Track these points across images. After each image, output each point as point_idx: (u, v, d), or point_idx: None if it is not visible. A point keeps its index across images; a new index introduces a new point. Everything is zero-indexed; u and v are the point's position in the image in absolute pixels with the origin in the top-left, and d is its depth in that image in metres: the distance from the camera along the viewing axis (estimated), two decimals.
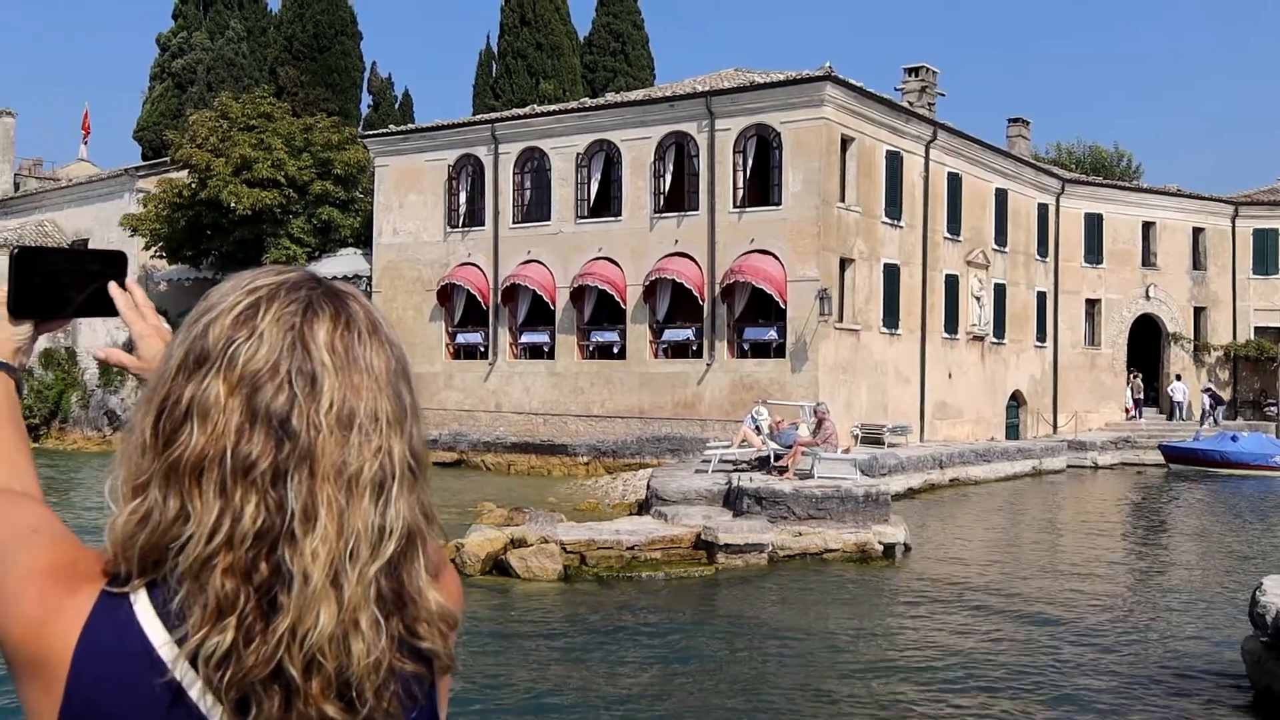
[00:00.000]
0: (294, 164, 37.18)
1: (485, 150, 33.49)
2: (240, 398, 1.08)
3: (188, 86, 51.18)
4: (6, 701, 6.98)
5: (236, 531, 1.05)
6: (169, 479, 1.08)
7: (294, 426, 1.07)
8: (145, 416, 1.12)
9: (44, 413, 43.42)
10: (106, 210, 43.68)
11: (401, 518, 1.11)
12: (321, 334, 1.12)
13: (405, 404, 1.15)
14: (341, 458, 1.08)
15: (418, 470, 1.15)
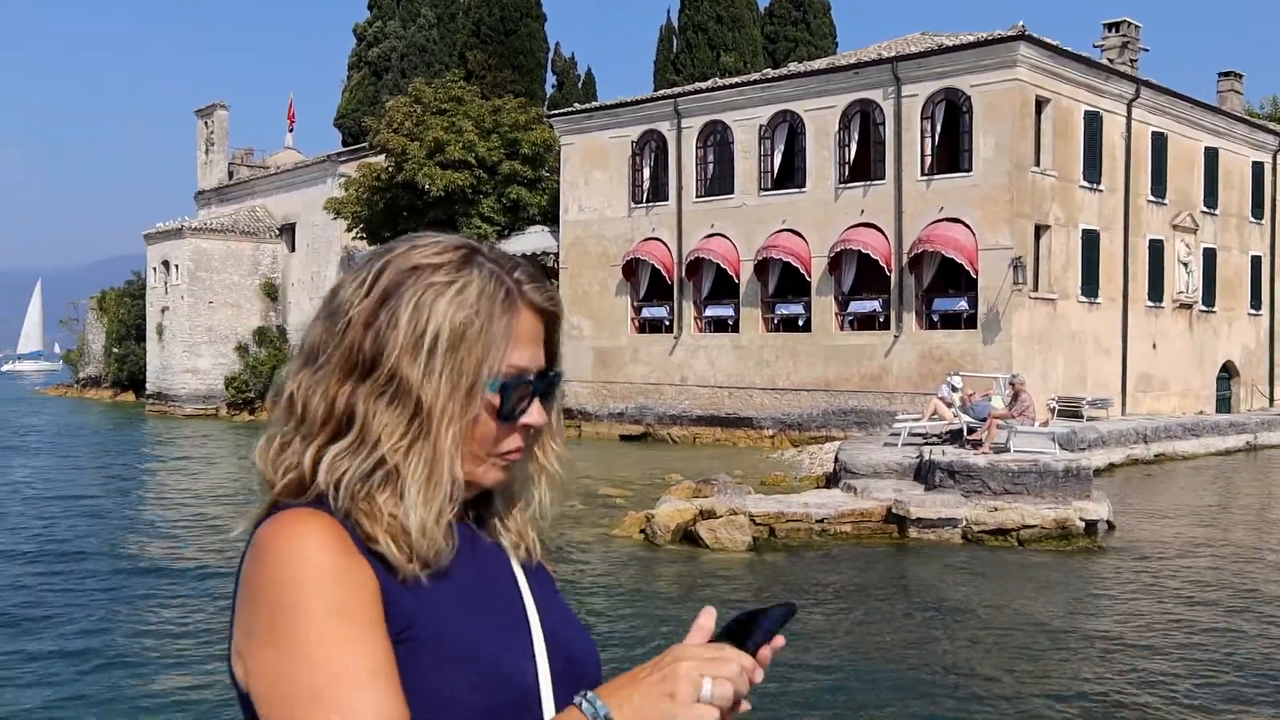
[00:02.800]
0: (484, 145, 38.26)
1: (668, 125, 33.65)
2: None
3: (383, 74, 53.24)
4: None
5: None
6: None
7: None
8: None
9: (259, 387, 46.22)
10: (311, 195, 46.01)
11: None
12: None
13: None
14: None
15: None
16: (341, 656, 1.10)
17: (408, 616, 1.16)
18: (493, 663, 1.21)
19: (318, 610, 1.11)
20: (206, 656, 10.46)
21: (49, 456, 30.03)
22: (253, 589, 1.15)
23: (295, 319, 46.95)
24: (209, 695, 9.26)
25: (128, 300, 56.72)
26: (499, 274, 1.24)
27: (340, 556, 1.14)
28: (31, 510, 19.84)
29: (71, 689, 9.46)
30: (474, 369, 1.19)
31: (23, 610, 12.27)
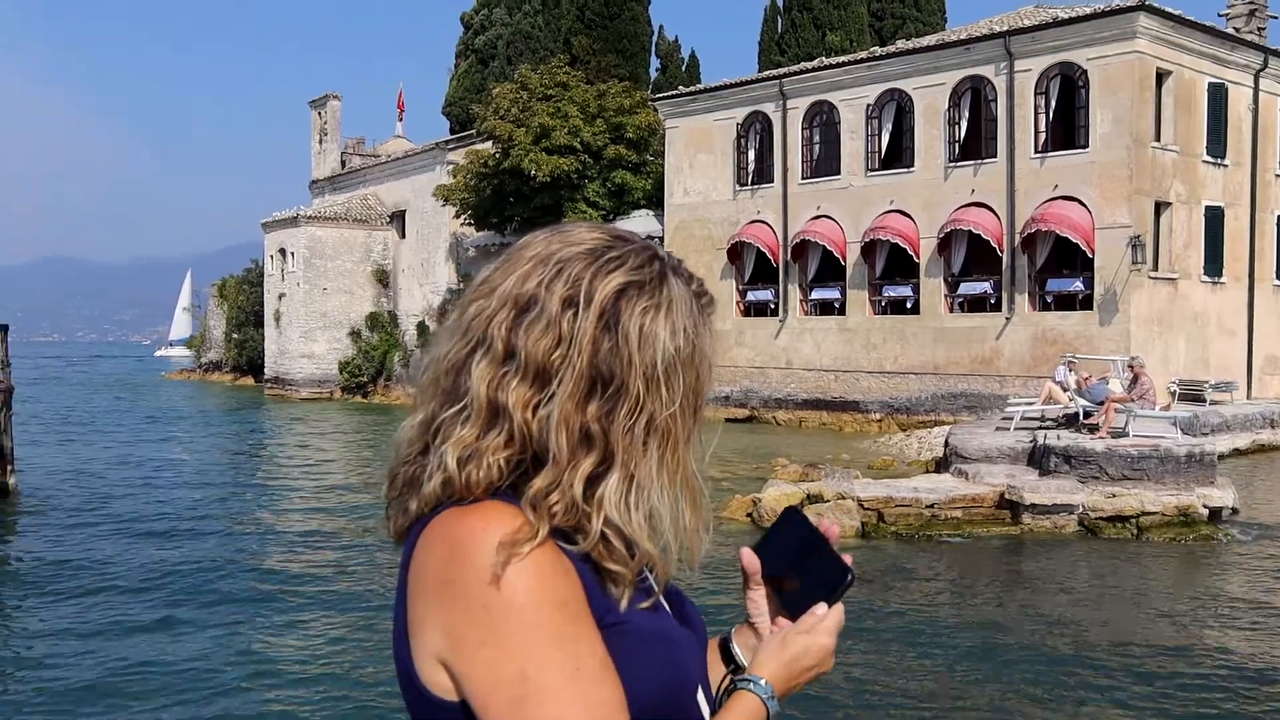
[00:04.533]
0: (589, 130, 38.47)
1: (773, 107, 33.40)
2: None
3: (489, 61, 53.85)
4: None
5: None
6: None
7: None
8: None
9: (371, 371, 47.37)
10: (420, 182, 46.86)
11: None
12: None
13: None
14: None
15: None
16: (575, 652, 1.11)
17: (611, 604, 1.18)
18: (680, 640, 1.26)
19: (544, 607, 1.11)
20: (323, 616, 10.82)
21: (179, 437, 31.25)
22: (457, 588, 1.13)
23: (405, 304, 47.91)
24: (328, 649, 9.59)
25: (246, 287, 58.58)
26: (687, 286, 1.25)
27: (550, 552, 1.14)
28: (167, 486, 20.68)
29: (203, 650, 9.88)
30: (698, 387, 1.22)
31: (163, 580, 12.83)
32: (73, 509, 18.21)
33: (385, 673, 9.38)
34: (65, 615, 11.47)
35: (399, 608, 1.21)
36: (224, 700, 8.85)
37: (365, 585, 12.92)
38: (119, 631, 10.86)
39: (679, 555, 1.25)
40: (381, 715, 8.47)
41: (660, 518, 1.20)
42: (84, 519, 17.28)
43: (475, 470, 1.17)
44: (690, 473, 1.23)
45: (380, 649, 10.20)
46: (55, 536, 15.84)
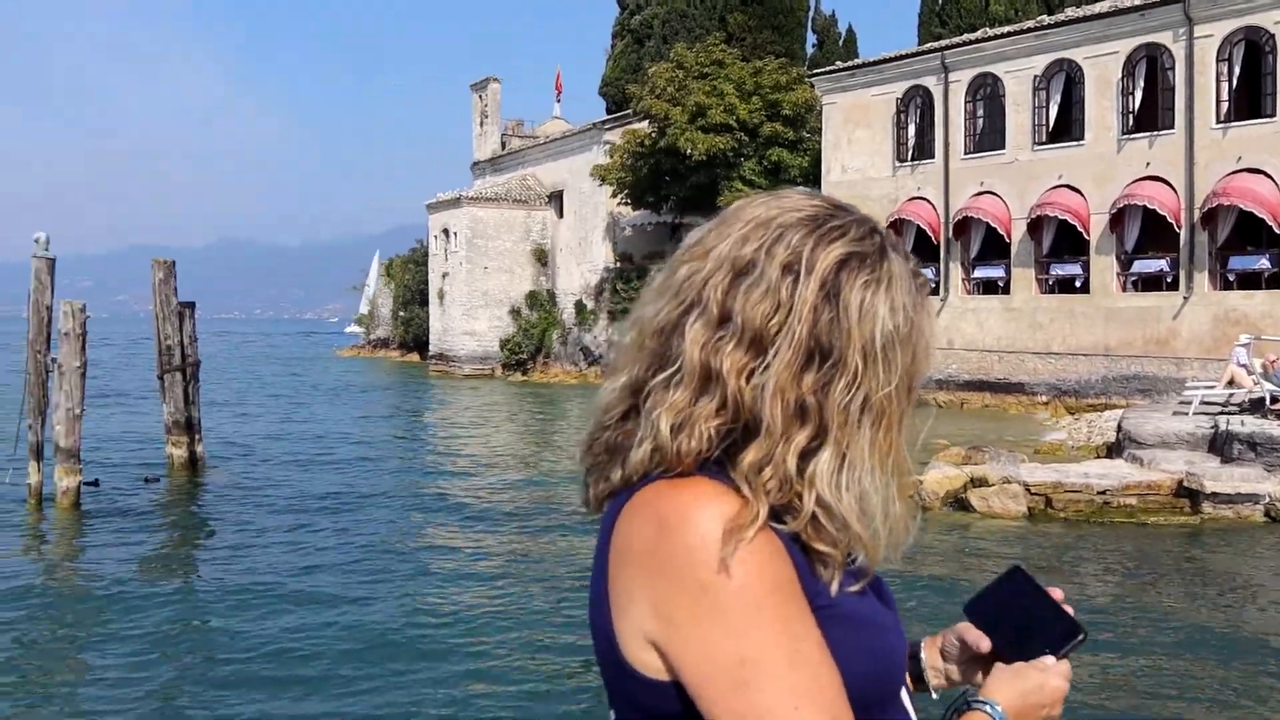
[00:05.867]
0: (745, 108, 38.29)
1: (934, 80, 32.58)
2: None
3: (645, 41, 54.02)
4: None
5: None
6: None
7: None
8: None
9: (530, 348, 48.37)
10: (578, 163, 47.48)
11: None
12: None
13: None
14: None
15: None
16: (794, 634, 1.08)
17: (821, 587, 1.15)
18: (891, 627, 1.23)
19: (762, 588, 1.08)
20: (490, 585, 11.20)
21: (350, 410, 32.60)
22: (669, 566, 1.09)
23: (563, 283, 48.72)
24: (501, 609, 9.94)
25: (412, 266, 60.52)
26: (905, 263, 1.21)
27: (764, 531, 1.11)
28: (340, 455, 21.65)
29: (384, 613, 10.37)
30: (914, 367, 1.18)
31: (341, 545, 13.49)
32: (255, 477, 19.26)
33: (552, 641, 9.66)
34: (251, 578, 12.18)
35: (598, 578, 1.18)
36: (403, 667, 9.28)
37: (534, 554, 13.30)
38: (301, 596, 11.48)
39: (886, 541, 1.18)
40: (551, 684, 8.73)
41: (869, 500, 1.15)
42: (265, 486, 18.27)
43: (687, 439, 1.13)
44: (901, 456, 1.19)
45: (551, 615, 10.52)
46: (239, 503, 16.79)
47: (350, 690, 8.62)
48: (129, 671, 9.13)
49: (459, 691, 8.63)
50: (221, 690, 8.72)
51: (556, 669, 9.16)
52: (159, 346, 19.20)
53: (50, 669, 9.32)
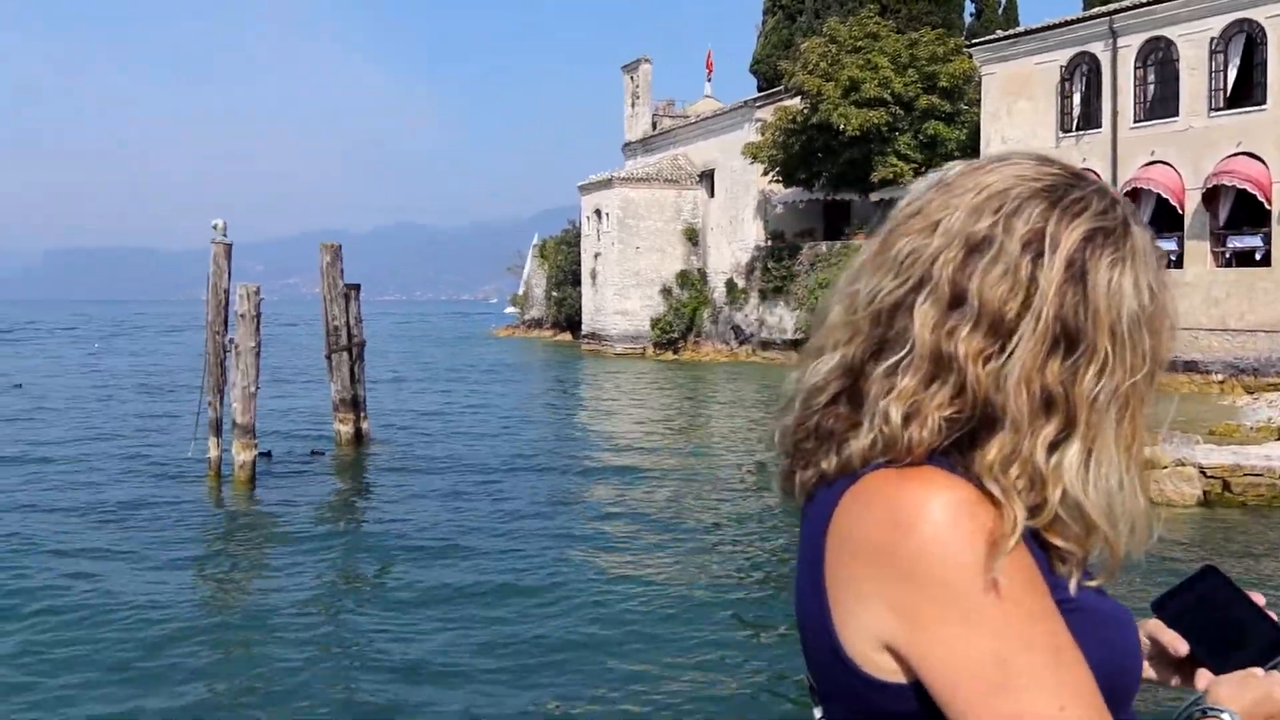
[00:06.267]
0: (900, 81, 37.45)
1: (1101, 46, 31.21)
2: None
3: (797, 16, 53.31)
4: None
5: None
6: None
7: None
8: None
9: (681, 327, 48.53)
10: (728, 141, 47.28)
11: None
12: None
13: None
14: None
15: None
16: (1052, 632, 1.02)
17: (1061, 583, 1.08)
18: (1129, 624, 1.17)
19: (1018, 584, 1.01)
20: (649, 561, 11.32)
21: (507, 388, 33.36)
22: (906, 562, 1.01)
23: (714, 262, 48.66)
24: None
25: (564, 248, 61.38)
26: (1147, 236, 1.12)
27: (1007, 525, 1.03)
28: (498, 432, 22.19)
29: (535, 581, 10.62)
30: (1158, 351, 1.10)
31: (504, 523, 13.85)
32: (416, 451, 19.91)
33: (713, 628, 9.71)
34: (410, 541, 12.63)
35: (809, 571, 1.11)
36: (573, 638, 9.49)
37: (697, 534, 13.38)
38: (457, 554, 11.84)
39: (1129, 539, 1.11)
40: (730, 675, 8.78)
41: (1115, 495, 1.07)
42: (426, 460, 18.87)
43: (919, 429, 1.05)
44: (1142, 447, 1.12)
45: (703, 585, 10.58)
46: (401, 475, 17.40)
47: (496, 636, 8.87)
48: (299, 618, 9.63)
49: (613, 664, 8.77)
50: (380, 636, 9.10)
51: (710, 634, 9.21)
52: (326, 327, 19.98)
53: (232, 623, 9.87)
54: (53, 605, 10.27)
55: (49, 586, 10.91)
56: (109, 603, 10.38)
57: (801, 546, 1.14)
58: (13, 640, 9.32)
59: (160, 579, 11.35)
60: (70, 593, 10.71)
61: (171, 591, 10.92)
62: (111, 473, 17.56)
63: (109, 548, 12.67)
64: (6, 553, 12.28)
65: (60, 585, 10.98)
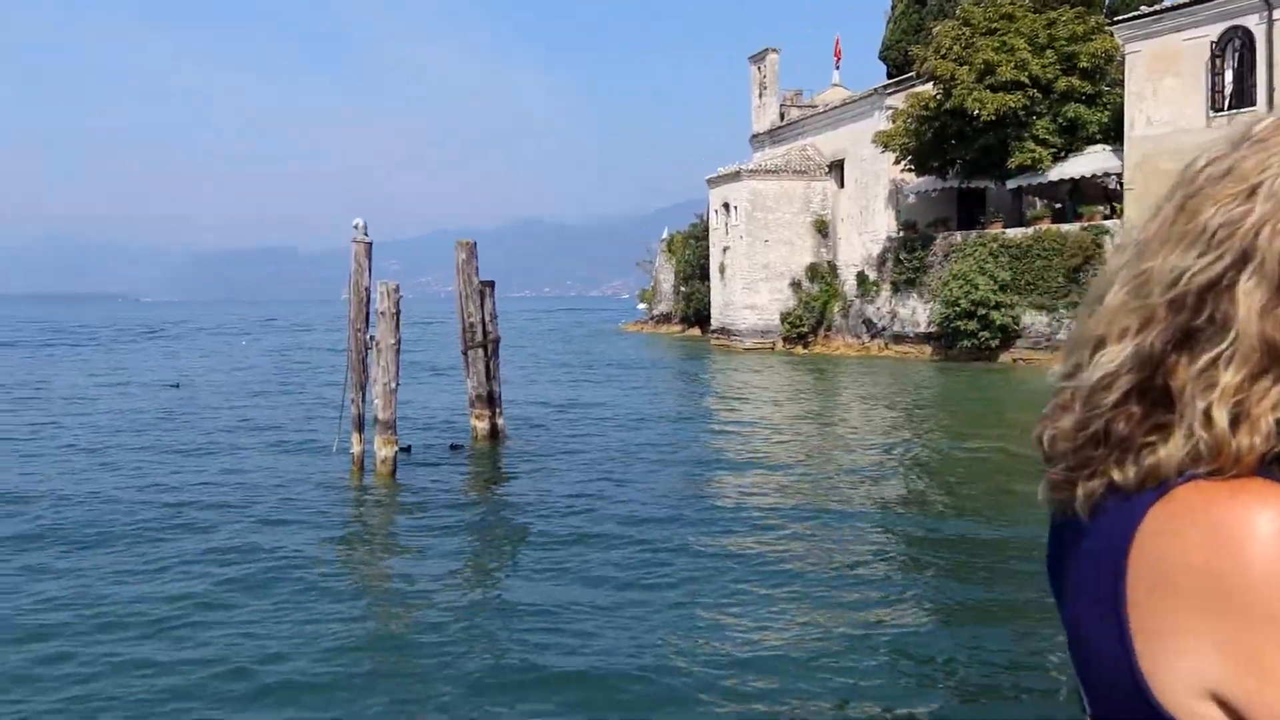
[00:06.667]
0: (1037, 63, 36.32)
1: (1256, 19, 29.71)
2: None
3: (927, 0, 52.25)
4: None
5: None
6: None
7: None
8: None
9: (811, 321, 48.05)
10: (858, 130, 46.57)
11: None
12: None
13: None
14: None
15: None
16: None
17: None
18: None
19: None
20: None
21: (637, 383, 33.53)
22: (1255, 598, 0.84)
23: (844, 254, 48.01)
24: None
25: (692, 242, 61.41)
26: None
27: None
28: (629, 428, 22.30)
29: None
30: None
31: (640, 524, 13.90)
32: (550, 446, 20.13)
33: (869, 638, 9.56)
34: (547, 534, 12.75)
35: (1098, 599, 0.94)
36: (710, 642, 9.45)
37: (831, 529, 13.21)
38: (599, 563, 11.90)
39: None
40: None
41: None
42: (560, 455, 19.06)
43: (1248, 434, 0.89)
44: None
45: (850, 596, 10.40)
46: (537, 470, 17.60)
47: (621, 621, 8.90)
48: (441, 607, 9.81)
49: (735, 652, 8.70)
50: (522, 626, 9.21)
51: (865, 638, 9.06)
52: (462, 324, 20.35)
53: (376, 610, 10.13)
54: (201, 599, 10.74)
55: (197, 575, 11.40)
56: (254, 597, 10.77)
57: (1080, 566, 0.98)
58: (185, 612, 9.77)
59: (307, 569, 11.72)
60: (217, 588, 11.16)
61: (316, 579, 11.27)
62: (260, 468, 18.22)
63: (258, 541, 13.15)
64: (169, 540, 12.86)
65: (209, 578, 11.44)
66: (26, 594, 10.75)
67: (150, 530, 13.63)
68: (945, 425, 22.68)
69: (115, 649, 9.10)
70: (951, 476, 16.64)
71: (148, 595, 10.72)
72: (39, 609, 10.23)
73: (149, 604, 10.41)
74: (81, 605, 10.33)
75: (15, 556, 12.23)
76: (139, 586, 11.05)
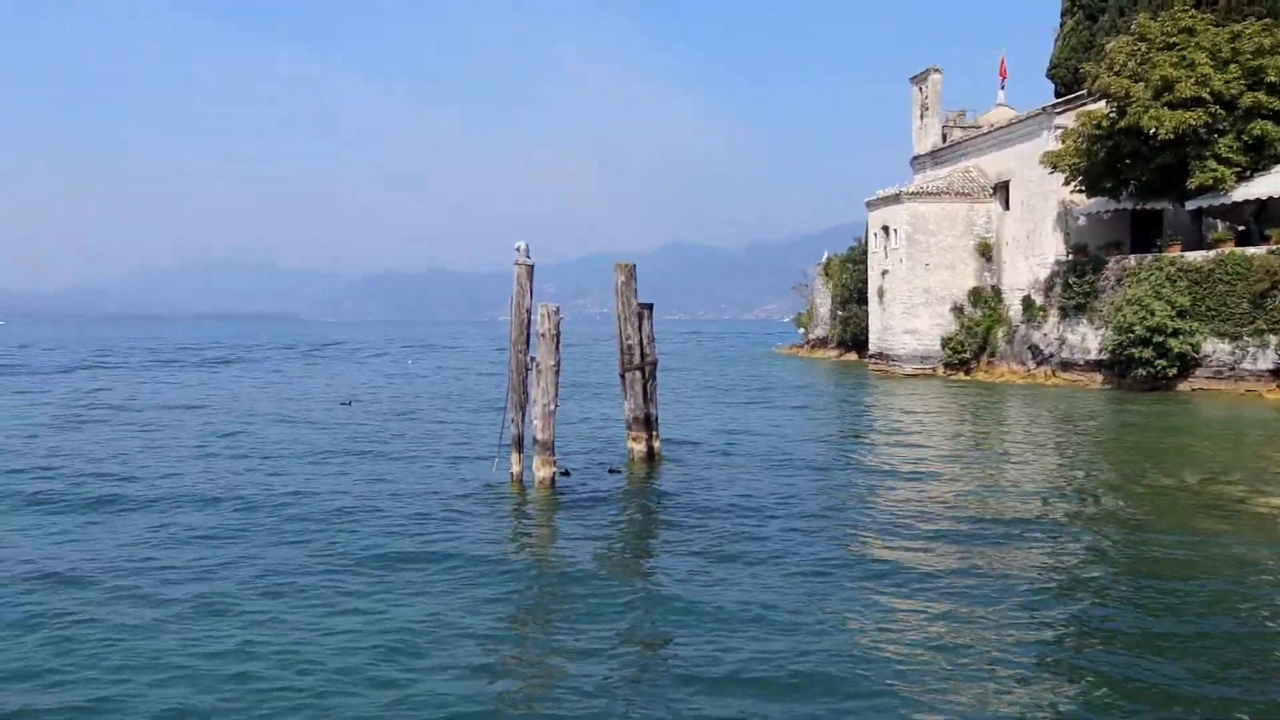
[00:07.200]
0: (1220, 78, 34.60)
1: None
2: None
3: (1098, 16, 50.44)
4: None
5: None
6: None
7: None
8: None
9: (973, 347, 46.72)
10: (1025, 151, 45.17)
11: None
12: None
13: None
14: None
15: None
16: None
17: None
18: None
19: None
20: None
21: (792, 408, 33.14)
22: None
23: (1009, 279, 46.55)
24: None
25: (850, 265, 60.58)
26: None
27: None
28: (785, 454, 22.01)
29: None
30: None
31: (803, 550, 13.66)
32: (707, 471, 20.00)
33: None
34: (714, 575, 12.62)
35: None
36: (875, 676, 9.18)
37: (997, 564, 12.72)
38: (759, 592, 11.72)
39: None
40: None
41: None
42: (717, 480, 18.90)
43: None
44: None
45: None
46: (694, 495, 17.49)
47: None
48: (598, 632, 9.80)
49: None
50: (681, 648, 9.11)
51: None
52: (620, 346, 20.45)
53: (531, 636, 10.20)
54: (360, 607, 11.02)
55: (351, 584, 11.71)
56: (410, 614, 10.99)
57: None
58: (352, 617, 10.06)
59: (462, 588, 11.91)
60: (375, 600, 11.44)
61: (470, 601, 11.43)
62: (421, 485, 18.66)
63: (416, 551, 13.45)
64: (333, 553, 13.28)
65: (366, 589, 11.75)
66: (205, 577, 11.28)
67: (315, 539, 14.14)
68: (1120, 457, 21.64)
69: (281, 638, 9.48)
70: (1128, 512, 15.82)
71: (316, 606, 11.10)
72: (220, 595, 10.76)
73: (307, 612, 10.78)
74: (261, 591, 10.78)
75: (211, 550, 12.87)
76: (306, 592, 11.45)
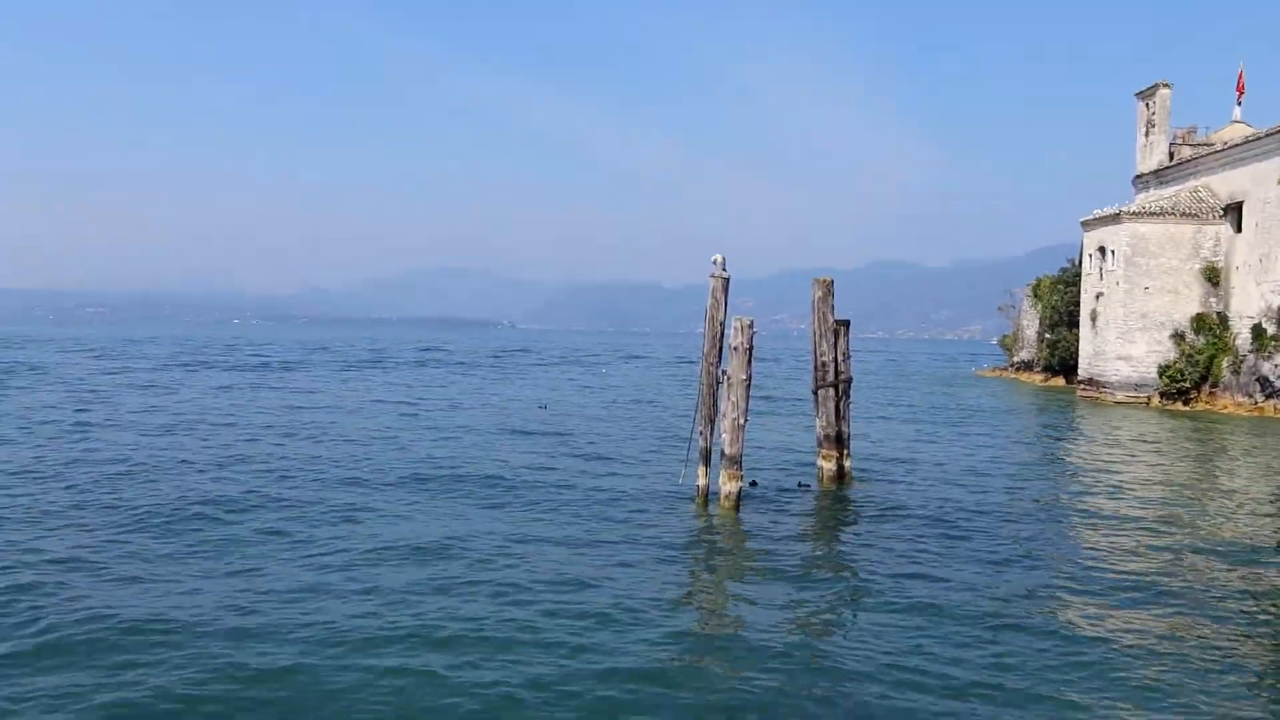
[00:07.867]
0: None
1: None
2: None
3: None
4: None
5: None
6: None
7: None
8: None
9: (1194, 377, 43.91)
10: (1263, 170, 42.20)
11: None
12: None
13: None
14: None
15: None
16: None
17: None
18: None
19: None
20: None
21: (996, 434, 31.87)
22: None
23: (1238, 305, 43.52)
24: None
25: (1060, 287, 57.95)
26: None
27: None
28: (978, 478, 21.15)
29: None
30: None
31: (994, 582, 13.07)
32: (896, 494, 19.42)
33: None
34: (899, 604, 12.19)
35: None
36: None
37: (1207, 616, 11.82)
38: (947, 627, 11.24)
39: None
40: None
41: None
42: (910, 504, 18.32)
43: None
44: None
45: None
46: (886, 518, 17.00)
47: None
48: (774, 646, 9.59)
49: None
50: (857, 664, 8.79)
51: None
52: (815, 362, 20.10)
53: (712, 644, 10.07)
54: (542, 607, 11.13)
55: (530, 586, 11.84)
56: (587, 612, 11.04)
57: None
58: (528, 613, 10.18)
59: (644, 591, 11.89)
60: (552, 603, 11.53)
61: (652, 604, 11.38)
62: (607, 493, 18.82)
63: (595, 561, 13.52)
64: (518, 557, 13.51)
65: (543, 601, 11.86)
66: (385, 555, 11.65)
67: (498, 543, 14.42)
68: None
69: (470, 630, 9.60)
70: None
71: (488, 608, 11.30)
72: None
73: (487, 615, 10.98)
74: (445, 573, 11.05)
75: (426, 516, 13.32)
76: (484, 599, 11.68)
